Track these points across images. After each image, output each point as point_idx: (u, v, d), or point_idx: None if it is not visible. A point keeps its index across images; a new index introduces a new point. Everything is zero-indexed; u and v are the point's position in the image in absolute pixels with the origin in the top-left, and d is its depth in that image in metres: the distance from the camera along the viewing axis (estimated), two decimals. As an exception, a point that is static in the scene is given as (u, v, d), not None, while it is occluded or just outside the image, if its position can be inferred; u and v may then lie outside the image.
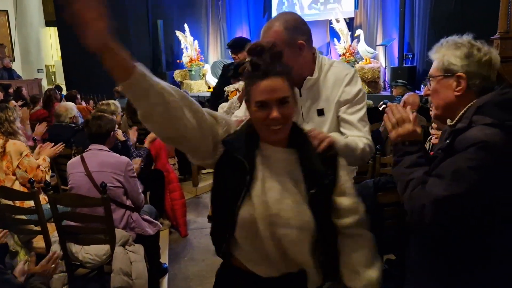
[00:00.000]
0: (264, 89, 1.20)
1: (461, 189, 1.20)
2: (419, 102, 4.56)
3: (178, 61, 11.87)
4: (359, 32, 9.37)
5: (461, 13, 7.21)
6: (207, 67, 11.55)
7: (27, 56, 12.08)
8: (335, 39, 9.86)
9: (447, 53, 1.37)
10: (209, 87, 10.95)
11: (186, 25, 11.53)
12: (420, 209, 1.26)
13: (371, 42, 9.85)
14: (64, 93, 8.11)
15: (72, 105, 4.13)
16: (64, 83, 11.16)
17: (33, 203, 2.59)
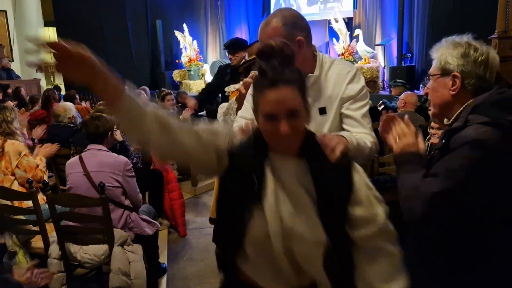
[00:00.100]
0: (272, 99, 1.09)
1: (452, 186, 1.21)
2: (416, 101, 4.57)
3: (177, 61, 11.86)
4: (358, 31, 9.38)
5: (460, 13, 7.23)
6: (206, 67, 11.54)
7: (26, 57, 12.04)
8: (334, 39, 9.88)
9: (445, 52, 1.38)
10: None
11: (185, 25, 11.52)
12: (412, 207, 1.26)
13: (370, 41, 9.86)
14: (63, 93, 8.10)
15: (70, 105, 4.13)
16: (63, 84, 11.14)
17: (31, 203, 2.59)
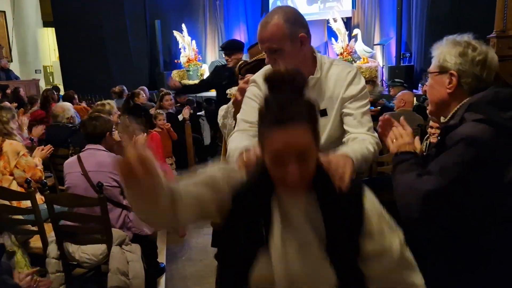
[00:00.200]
0: (279, 140, 0.98)
1: (447, 184, 1.22)
2: (413, 100, 4.59)
3: (176, 61, 11.85)
4: (356, 31, 9.38)
5: (458, 12, 7.23)
6: (204, 67, 11.54)
7: (24, 57, 12.04)
8: (333, 39, 9.87)
9: (444, 51, 1.40)
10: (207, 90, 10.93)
11: (183, 25, 11.51)
12: (408, 205, 1.27)
13: (368, 41, 9.86)
14: (62, 93, 8.10)
15: (69, 105, 4.12)
16: (62, 84, 11.14)
17: (30, 203, 2.59)
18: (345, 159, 1.20)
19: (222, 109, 2.36)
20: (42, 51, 12.87)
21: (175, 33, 11.46)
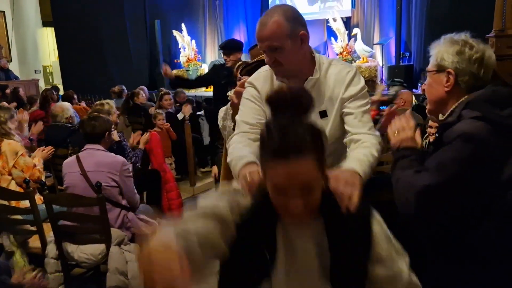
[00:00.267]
0: (281, 173, 0.92)
1: (443, 180, 1.23)
2: (412, 99, 4.59)
3: (176, 61, 11.84)
4: (356, 31, 9.37)
5: (458, 12, 7.22)
6: (204, 66, 11.52)
7: (24, 57, 12.04)
8: (332, 38, 9.86)
9: (441, 50, 1.41)
10: (206, 87, 10.93)
11: (183, 25, 11.50)
12: (406, 201, 1.28)
13: (368, 41, 9.85)
14: (62, 93, 8.09)
15: (68, 105, 4.11)
16: (61, 84, 11.13)
17: (28, 203, 2.59)
18: (353, 176, 1.16)
19: (222, 111, 2.36)
20: (42, 51, 12.85)
21: (175, 33, 11.46)
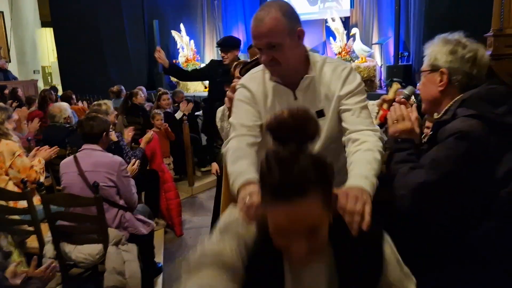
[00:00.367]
0: (283, 215, 0.83)
1: (438, 177, 1.23)
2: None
3: (174, 61, 11.82)
4: (354, 30, 9.37)
5: (456, 11, 7.22)
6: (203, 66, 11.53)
7: (23, 57, 12.03)
8: (331, 38, 9.87)
9: (435, 49, 1.42)
10: (205, 87, 10.93)
11: (182, 25, 11.51)
12: (401, 195, 1.29)
13: (366, 40, 9.85)
14: (60, 94, 8.09)
15: (66, 105, 4.10)
16: (60, 84, 11.13)
17: (26, 203, 2.59)
18: (361, 194, 1.08)
19: (219, 111, 2.36)
20: (41, 52, 12.85)
21: (173, 33, 11.46)
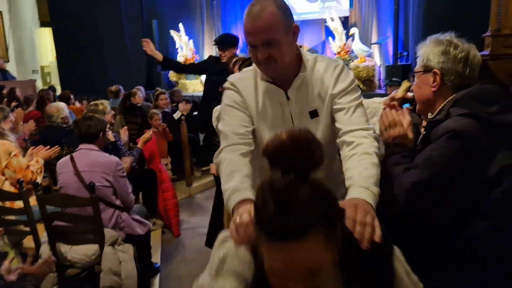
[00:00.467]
0: (279, 259, 0.73)
1: (431, 176, 1.24)
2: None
3: (174, 60, 11.84)
4: (353, 30, 9.37)
5: (455, 11, 7.22)
6: (202, 66, 11.52)
7: (21, 57, 12.02)
8: (330, 38, 9.87)
9: (427, 50, 1.42)
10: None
11: (181, 25, 11.51)
12: (397, 195, 1.30)
13: (365, 40, 9.85)
14: (59, 93, 8.08)
15: (63, 105, 4.09)
16: (59, 84, 11.12)
17: (22, 203, 2.58)
18: (366, 208, 1.02)
19: (216, 110, 2.35)
20: (39, 51, 12.84)
21: (172, 32, 11.46)
